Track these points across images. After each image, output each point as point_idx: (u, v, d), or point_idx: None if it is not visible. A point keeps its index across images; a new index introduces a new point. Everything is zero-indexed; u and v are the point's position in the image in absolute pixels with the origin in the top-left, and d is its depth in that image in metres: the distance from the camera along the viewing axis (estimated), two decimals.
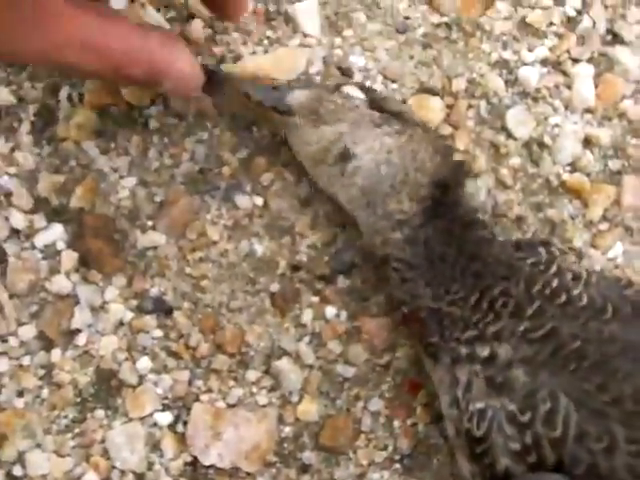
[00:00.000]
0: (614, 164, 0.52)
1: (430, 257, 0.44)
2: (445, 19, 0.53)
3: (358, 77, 0.53)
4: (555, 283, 0.41)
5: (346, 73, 0.53)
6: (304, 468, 0.47)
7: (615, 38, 0.54)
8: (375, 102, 0.45)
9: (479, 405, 0.41)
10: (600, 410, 0.37)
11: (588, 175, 0.52)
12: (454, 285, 0.43)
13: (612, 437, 0.36)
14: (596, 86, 0.53)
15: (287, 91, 0.47)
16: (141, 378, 0.47)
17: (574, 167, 0.52)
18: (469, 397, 0.42)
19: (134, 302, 0.48)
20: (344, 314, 0.48)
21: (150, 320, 0.48)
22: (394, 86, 0.52)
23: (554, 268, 0.42)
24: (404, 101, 0.53)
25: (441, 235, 0.44)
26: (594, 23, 0.54)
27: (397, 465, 0.47)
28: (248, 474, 0.47)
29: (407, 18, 0.53)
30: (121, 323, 0.48)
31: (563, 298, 0.40)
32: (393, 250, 0.44)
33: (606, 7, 0.54)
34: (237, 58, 0.52)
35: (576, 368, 0.39)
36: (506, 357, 0.41)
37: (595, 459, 0.36)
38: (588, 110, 0.53)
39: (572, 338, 0.39)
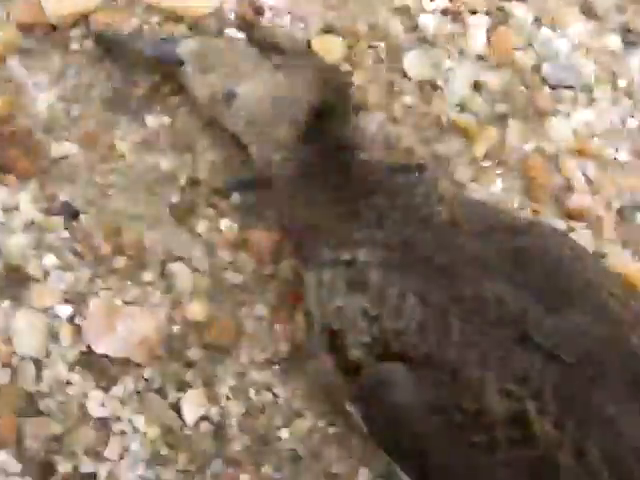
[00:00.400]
0: (501, 108, 0.59)
1: (306, 175, 0.51)
2: None
3: (268, 15, 0.59)
4: (418, 199, 0.47)
5: (257, 11, 0.59)
6: (189, 364, 0.54)
7: None
8: (255, 39, 0.52)
9: (338, 303, 0.47)
10: (442, 307, 0.43)
11: (476, 116, 0.58)
12: (324, 198, 0.50)
13: (448, 330, 0.42)
14: (490, 36, 0.60)
15: (176, 42, 0.56)
16: (46, 273, 0.54)
17: (463, 108, 0.59)
18: (331, 297, 0.48)
19: (45, 205, 0.55)
20: (236, 227, 0.55)
21: (58, 222, 0.55)
22: (301, 25, 0.59)
23: (422, 188, 0.48)
24: (309, 41, 0.58)
25: (315, 155, 0.52)
26: None
27: (275, 367, 0.54)
28: (138, 365, 0.52)
29: None
30: (32, 223, 0.54)
31: (423, 212, 0.46)
32: (275, 170, 0.52)
33: None
34: None
35: (425, 271, 0.44)
36: (364, 260, 0.48)
37: (432, 349, 0.42)
38: (481, 57, 0.59)
39: (425, 245, 0.45)
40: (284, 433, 0.57)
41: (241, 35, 0.55)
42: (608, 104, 0.63)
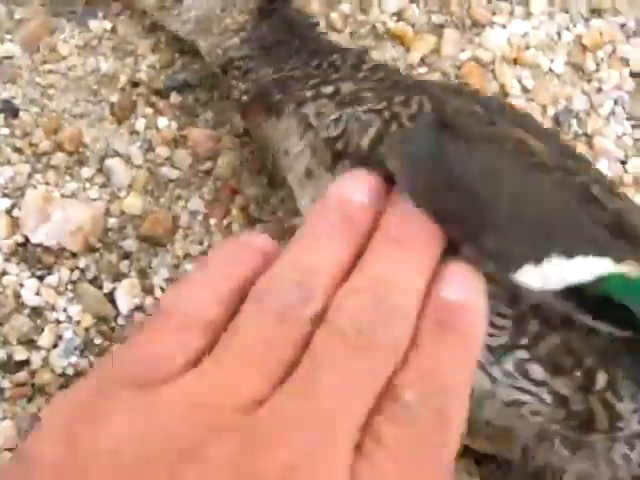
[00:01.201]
0: (438, 18, 0.61)
1: (266, 47, 0.53)
2: None
3: None
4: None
5: None
6: (125, 255, 0.55)
7: None
8: None
9: (333, 116, 0.46)
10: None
11: (412, 25, 0.60)
12: (291, 60, 0.52)
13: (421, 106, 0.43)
14: None
15: None
16: None
17: (399, 17, 0.60)
18: (321, 118, 0.46)
19: None
20: (174, 124, 0.57)
21: None
22: None
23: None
24: None
25: (274, 28, 0.54)
26: None
27: None
28: (73, 255, 0.53)
29: None
30: None
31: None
32: (232, 53, 0.54)
33: None
34: None
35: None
36: (350, 89, 0.47)
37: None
38: None
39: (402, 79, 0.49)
40: None
41: None
42: (544, 17, 0.65)
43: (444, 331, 0.30)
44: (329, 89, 0.47)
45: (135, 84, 0.60)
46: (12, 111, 0.59)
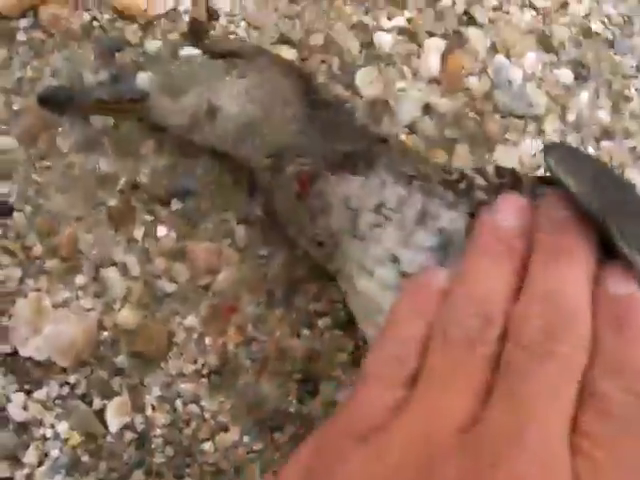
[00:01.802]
0: (451, 132, 0.59)
1: (330, 128, 0.51)
2: None
3: (223, 21, 0.58)
4: None
5: (212, 16, 0.58)
6: (117, 371, 0.53)
7: (470, 19, 0.60)
8: (211, 51, 0.51)
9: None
10: None
11: (425, 139, 0.58)
12: (360, 139, 0.51)
13: None
14: (446, 60, 0.59)
15: (132, 77, 0.54)
16: None
17: (412, 129, 0.58)
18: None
19: None
20: (173, 235, 0.55)
21: None
22: (255, 34, 0.58)
23: None
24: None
25: (336, 113, 0.53)
26: (454, 3, 0.60)
27: (204, 379, 0.53)
28: (63, 370, 0.51)
29: None
30: None
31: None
32: (289, 140, 0.51)
33: None
34: None
35: None
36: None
37: None
38: (434, 80, 0.59)
39: None
40: (208, 446, 0.56)
41: (195, 51, 0.53)
42: (556, 136, 0.63)
43: (621, 322, 0.32)
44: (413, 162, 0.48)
45: (135, 187, 0.58)
46: (6, 210, 0.57)
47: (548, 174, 0.40)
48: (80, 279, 0.56)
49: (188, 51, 0.53)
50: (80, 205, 0.57)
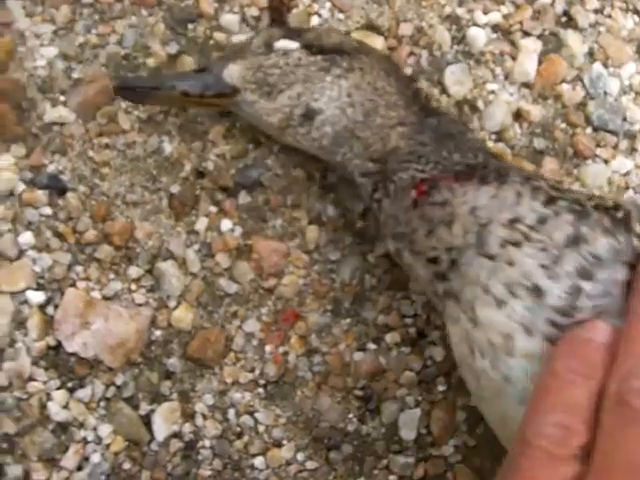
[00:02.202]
0: (539, 143, 0.54)
1: (445, 136, 0.46)
2: None
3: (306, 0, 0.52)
4: None
5: None
6: (167, 374, 0.48)
7: (569, 21, 0.56)
8: (311, 46, 0.46)
9: (585, 195, 0.42)
10: None
11: (512, 148, 0.53)
12: (480, 152, 0.46)
13: None
14: (540, 63, 0.54)
15: (220, 69, 0.48)
16: (21, 252, 0.48)
17: (500, 137, 0.53)
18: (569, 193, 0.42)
19: (29, 174, 0.49)
20: (239, 230, 0.50)
21: (41, 196, 0.48)
22: (341, 16, 0.53)
23: None
24: (347, 34, 0.52)
25: (449, 123, 0.48)
26: (553, 1, 0.55)
27: (260, 390, 0.49)
28: (110, 369, 0.47)
29: None
30: (11, 193, 0.47)
31: None
32: (400, 143, 0.47)
33: None
34: None
35: None
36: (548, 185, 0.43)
37: None
38: (526, 85, 0.55)
39: None
40: (259, 462, 0.52)
41: (293, 44, 0.48)
42: None
43: None
44: (542, 182, 0.42)
45: (200, 174, 0.53)
46: (58, 189, 0.51)
47: None
48: (134, 271, 0.51)
49: (284, 44, 0.47)
50: (139, 189, 0.52)
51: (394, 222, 0.45)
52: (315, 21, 0.55)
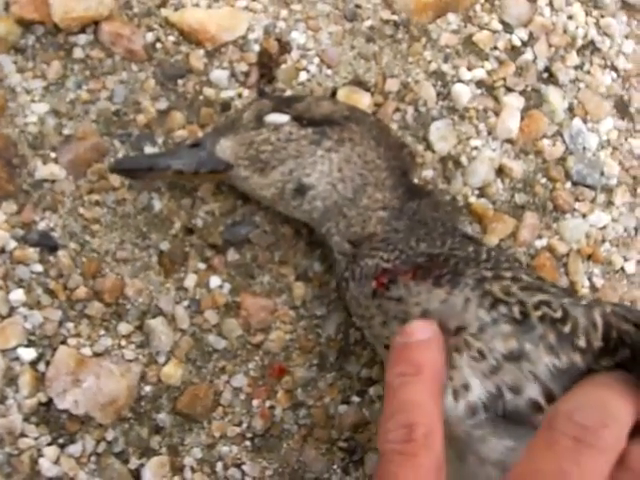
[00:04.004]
0: (520, 198, 0.55)
1: (419, 223, 0.47)
2: (395, 17, 0.54)
3: (295, 54, 0.53)
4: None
5: (284, 48, 0.53)
6: (157, 429, 0.49)
7: (550, 77, 0.57)
8: (301, 117, 0.47)
9: (536, 299, 0.40)
10: None
11: (494, 203, 0.54)
12: (448, 239, 0.46)
13: None
14: (522, 119, 0.55)
15: (213, 144, 0.48)
16: (12, 310, 0.48)
17: (482, 192, 0.54)
18: (512, 297, 0.40)
19: (20, 232, 0.49)
20: (227, 286, 0.50)
21: (32, 253, 0.49)
22: (328, 72, 0.54)
23: None
24: (334, 90, 0.53)
25: (427, 206, 0.48)
26: (535, 58, 0.57)
27: (247, 443, 0.50)
28: (100, 425, 0.47)
29: (358, 7, 0.54)
30: (2, 251, 0.48)
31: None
32: (377, 228, 0.47)
33: (550, 45, 0.56)
34: (179, 6, 0.52)
35: None
36: (526, 279, 0.42)
37: None
38: (509, 140, 0.55)
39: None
40: None
41: (283, 117, 0.48)
42: (625, 210, 0.60)
43: None
44: (508, 273, 0.42)
45: (189, 231, 0.53)
46: (49, 246, 0.52)
47: None
48: (124, 327, 0.52)
49: (274, 118, 0.48)
50: (129, 246, 0.52)
51: (356, 304, 0.46)
52: (303, 77, 0.55)
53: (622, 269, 0.59)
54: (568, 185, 0.58)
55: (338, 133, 0.46)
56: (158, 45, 0.53)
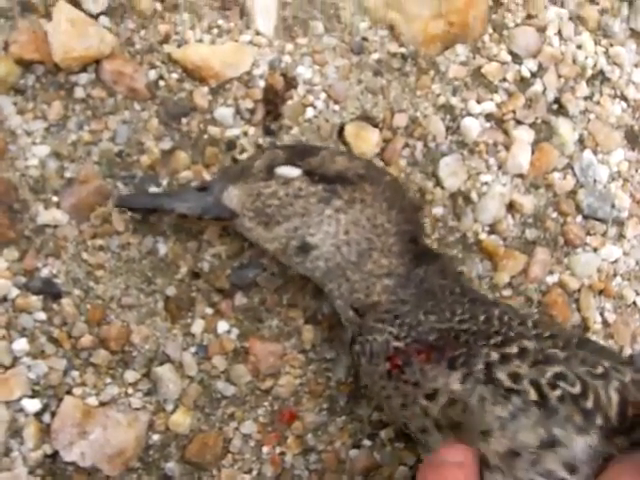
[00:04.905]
0: (531, 233, 0.54)
1: (426, 293, 0.45)
2: (403, 50, 0.53)
3: (301, 90, 0.51)
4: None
5: (290, 84, 0.51)
6: (165, 478, 0.48)
7: (560, 109, 0.55)
8: (314, 173, 0.45)
9: (551, 372, 0.39)
10: None
11: (504, 240, 0.53)
12: (458, 309, 0.44)
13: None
14: (532, 152, 0.54)
15: (220, 191, 0.46)
16: (15, 360, 0.47)
17: (493, 229, 0.53)
18: (532, 375, 0.40)
19: (22, 279, 0.47)
20: (235, 331, 0.49)
21: (36, 301, 0.47)
22: (336, 107, 0.52)
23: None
24: (341, 126, 0.51)
25: (434, 273, 0.46)
26: (545, 89, 0.55)
27: None
28: (107, 477, 0.46)
29: (365, 39, 0.53)
30: (4, 299, 0.46)
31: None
32: (382, 297, 0.46)
33: (559, 76, 0.55)
34: (182, 42, 0.50)
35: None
36: (535, 348, 0.41)
37: None
38: (519, 175, 0.54)
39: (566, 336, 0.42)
40: None
41: (295, 171, 0.47)
42: (637, 242, 0.59)
43: None
44: (514, 349, 0.40)
45: (196, 275, 0.52)
46: (53, 293, 0.50)
47: None
48: (130, 375, 0.50)
49: (285, 171, 0.46)
50: (134, 292, 0.51)
51: (371, 381, 0.45)
52: (310, 113, 0.54)
53: (634, 303, 0.58)
54: (579, 219, 0.57)
55: (349, 193, 0.45)
56: (161, 83, 0.51)
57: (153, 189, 0.51)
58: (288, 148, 0.48)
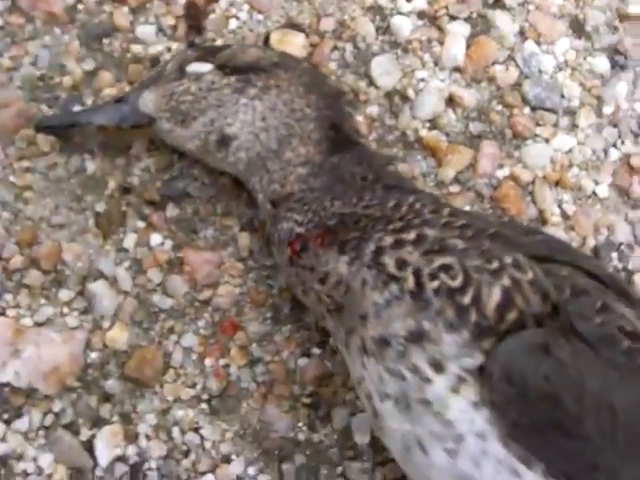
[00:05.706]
0: (475, 127, 0.52)
1: (336, 180, 0.44)
2: None
3: (223, 3, 0.50)
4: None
5: None
6: (106, 397, 0.46)
7: (497, 2, 0.53)
8: (225, 66, 0.45)
9: (439, 262, 0.38)
10: None
11: (447, 135, 0.51)
12: (366, 195, 0.43)
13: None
14: (469, 47, 0.52)
15: (135, 99, 0.46)
16: None
17: (434, 124, 0.51)
18: (405, 267, 0.38)
19: None
20: (169, 243, 0.48)
21: None
22: (260, 17, 0.51)
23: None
24: (266, 35, 0.50)
25: (348, 161, 0.45)
26: None
27: (204, 405, 0.47)
28: (46, 396, 0.45)
29: None
30: None
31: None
32: (295, 187, 0.45)
33: None
34: None
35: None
36: (435, 236, 0.39)
37: None
38: (457, 69, 0.52)
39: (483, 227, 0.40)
40: (209, 479, 0.49)
41: (206, 67, 0.46)
42: (591, 132, 0.56)
43: None
44: (412, 235, 0.39)
45: (126, 190, 0.50)
46: None
47: None
48: (64, 294, 0.49)
49: (196, 67, 0.45)
50: (64, 211, 0.50)
51: (282, 272, 0.45)
52: (233, 24, 0.53)
53: (594, 193, 0.54)
54: (526, 110, 0.55)
55: (264, 80, 0.44)
56: (80, 6, 0.51)
57: (77, 109, 0.50)
58: (200, 48, 0.47)
